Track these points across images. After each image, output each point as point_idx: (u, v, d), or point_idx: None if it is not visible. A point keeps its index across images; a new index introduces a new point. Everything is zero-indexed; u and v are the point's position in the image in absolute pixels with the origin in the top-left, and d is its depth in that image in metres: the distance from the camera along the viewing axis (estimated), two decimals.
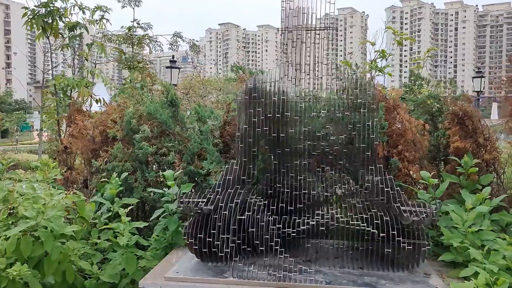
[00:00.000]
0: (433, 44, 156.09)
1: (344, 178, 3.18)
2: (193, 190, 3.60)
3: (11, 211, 3.02)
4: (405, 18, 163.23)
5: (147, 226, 3.58)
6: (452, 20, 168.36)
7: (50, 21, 5.75)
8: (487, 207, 2.96)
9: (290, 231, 2.88)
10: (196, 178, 4.04)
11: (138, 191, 3.94)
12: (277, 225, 2.87)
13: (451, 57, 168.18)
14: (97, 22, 6.18)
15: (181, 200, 2.93)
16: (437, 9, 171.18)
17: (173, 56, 13.39)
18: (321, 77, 3.14)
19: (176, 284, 2.69)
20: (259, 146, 3.26)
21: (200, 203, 2.90)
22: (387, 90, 4.54)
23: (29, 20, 5.76)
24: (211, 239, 2.83)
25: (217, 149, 4.16)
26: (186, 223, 3.22)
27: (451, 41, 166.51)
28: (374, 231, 2.73)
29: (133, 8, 8.90)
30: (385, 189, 2.93)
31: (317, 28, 3.06)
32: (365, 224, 2.76)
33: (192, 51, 14.43)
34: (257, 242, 2.81)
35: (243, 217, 2.83)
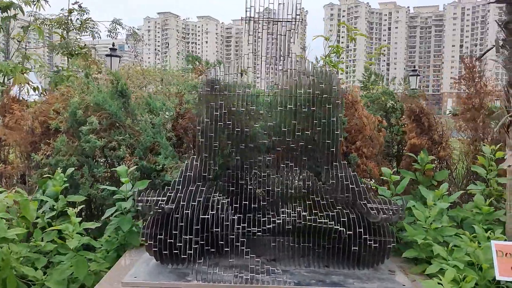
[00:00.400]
0: (368, 42, 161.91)
1: (308, 174, 3.11)
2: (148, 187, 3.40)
3: None
4: (342, 16, 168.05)
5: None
6: (386, 20, 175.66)
7: None
8: (447, 204, 3.02)
9: (255, 230, 2.77)
10: (147, 174, 3.81)
11: (85, 187, 3.65)
12: (242, 224, 2.74)
13: (384, 55, 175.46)
14: (34, 2, 5.67)
15: (139, 198, 2.72)
16: (372, 8, 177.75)
17: (113, 44, 12.75)
18: (287, 70, 3.03)
19: None
20: (221, 141, 3.11)
21: (160, 202, 2.71)
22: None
23: None
24: (172, 240, 2.65)
25: (170, 143, 3.96)
26: (143, 223, 3.03)
27: (385, 40, 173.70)
28: (342, 229, 2.69)
29: None
30: (350, 186, 2.89)
31: (284, 20, 2.95)
32: (333, 222, 2.70)
33: (133, 39, 13.84)
34: (222, 242, 2.67)
35: (207, 216, 2.68)
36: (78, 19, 6.46)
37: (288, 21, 2.96)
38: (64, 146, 3.76)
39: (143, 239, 2.71)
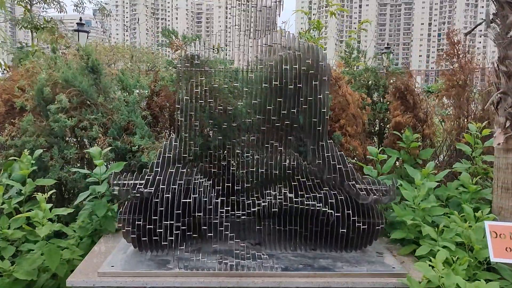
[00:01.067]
0: (339, 19, 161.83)
1: (293, 154, 2.98)
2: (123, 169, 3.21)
3: None
4: None
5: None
6: None
7: None
8: (435, 183, 2.95)
9: (240, 213, 2.64)
10: (122, 155, 3.61)
11: (54, 170, 3.41)
12: (225, 208, 2.60)
13: (355, 33, 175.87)
14: None
15: (116, 182, 2.54)
16: None
17: (80, 19, 12.15)
18: (271, 45, 2.86)
19: (113, 280, 2.33)
20: (202, 120, 2.94)
21: (138, 185, 2.53)
22: None
23: None
24: (151, 226, 2.49)
25: (145, 122, 3.75)
26: (118, 207, 2.85)
27: (355, 18, 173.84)
28: (330, 211, 2.58)
29: None
30: (338, 166, 2.79)
31: None
32: (320, 204, 2.60)
33: (101, 14, 13.29)
34: (205, 227, 2.53)
35: (189, 200, 2.52)
36: None
37: None
38: (31, 126, 3.50)
39: (120, 225, 2.54)
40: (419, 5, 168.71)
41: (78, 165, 3.69)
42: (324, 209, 2.58)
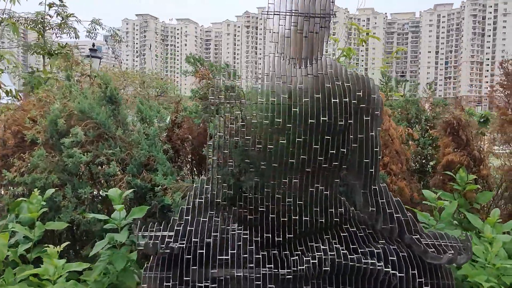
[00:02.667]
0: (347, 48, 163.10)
1: (340, 199, 2.60)
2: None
3: None
4: None
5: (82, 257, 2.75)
6: (364, 26, 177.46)
7: None
8: (509, 236, 2.55)
9: (285, 272, 2.24)
10: (142, 195, 3.25)
11: (67, 211, 3.05)
12: (268, 265, 2.21)
13: (362, 61, 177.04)
14: None
15: (142, 234, 2.16)
16: (351, 14, 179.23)
17: (93, 44, 12.02)
18: (317, 75, 2.52)
19: None
20: (237, 160, 2.58)
21: (167, 238, 2.15)
22: None
23: None
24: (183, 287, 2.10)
25: (167, 157, 3.41)
26: (139, 258, 2.47)
27: (363, 45, 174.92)
28: (393, 272, 2.18)
29: None
30: (395, 215, 2.40)
31: (316, 15, 2.43)
32: (382, 263, 2.20)
33: (113, 40, 13.17)
34: None
35: (226, 256, 2.14)
36: (58, 14, 5.78)
37: (322, 17, 2.44)
38: (42, 162, 3.16)
39: (145, 285, 2.15)
40: (425, 34, 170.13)
41: (98, 205, 3.35)
42: (386, 269, 2.18)
